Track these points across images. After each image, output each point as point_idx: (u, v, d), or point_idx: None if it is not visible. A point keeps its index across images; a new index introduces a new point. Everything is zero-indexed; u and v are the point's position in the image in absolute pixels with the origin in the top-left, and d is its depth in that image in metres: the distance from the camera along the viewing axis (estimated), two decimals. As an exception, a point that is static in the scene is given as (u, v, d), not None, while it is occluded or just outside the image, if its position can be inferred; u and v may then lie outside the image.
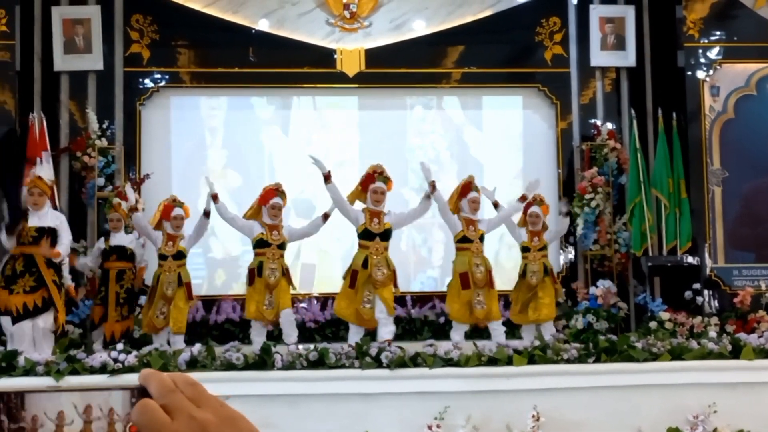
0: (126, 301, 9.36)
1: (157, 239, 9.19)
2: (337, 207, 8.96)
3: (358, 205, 8.94)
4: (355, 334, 8.63)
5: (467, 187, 9.17)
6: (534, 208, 9.45)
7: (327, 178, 8.77)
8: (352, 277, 8.76)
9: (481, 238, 9.06)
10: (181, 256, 9.13)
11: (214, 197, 8.95)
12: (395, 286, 8.84)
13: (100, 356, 7.44)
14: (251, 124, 11.54)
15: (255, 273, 8.85)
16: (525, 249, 9.43)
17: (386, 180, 8.92)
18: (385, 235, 8.82)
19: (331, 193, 8.84)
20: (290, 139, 11.54)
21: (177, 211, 9.20)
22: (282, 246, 8.92)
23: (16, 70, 10.62)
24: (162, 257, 9.11)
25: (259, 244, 8.89)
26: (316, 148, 11.45)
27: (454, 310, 8.99)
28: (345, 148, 11.46)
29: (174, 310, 8.92)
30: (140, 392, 0.94)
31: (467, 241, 9.00)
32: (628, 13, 11.52)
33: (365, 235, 8.80)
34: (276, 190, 9.02)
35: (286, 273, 8.92)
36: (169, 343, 8.79)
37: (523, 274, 9.37)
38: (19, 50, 10.69)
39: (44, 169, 9.81)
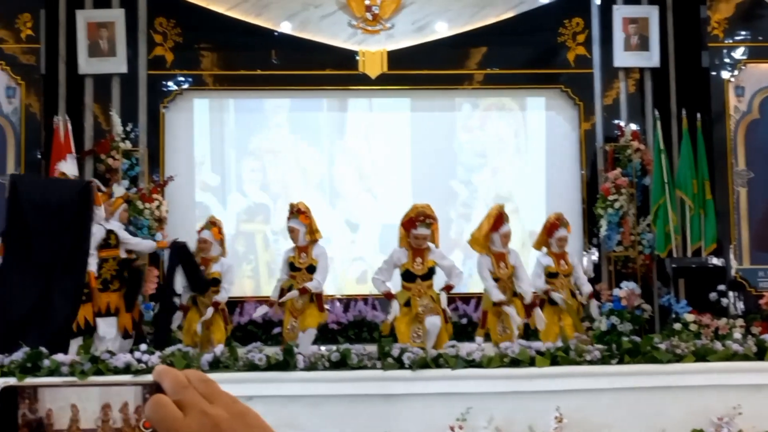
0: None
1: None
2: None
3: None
4: None
5: (500, 219, 8.82)
6: (562, 231, 9.15)
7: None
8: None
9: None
10: (215, 282, 9.07)
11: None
12: (445, 320, 8.58)
13: (123, 357, 7.49)
14: (273, 125, 11.57)
15: (284, 293, 8.83)
16: (552, 275, 9.10)
17: (429, 225, 8.60)
18: (428, 275, 8.59)
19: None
20: (313, 141, 11.57)
21: (203, 234, 9.19)
22: (311, 269, 8.78)
23: (41, 74, 10.71)
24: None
25: (291, 267, 8.82)
26: (340, 150, 11.49)
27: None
28: (369, 150, 11.48)
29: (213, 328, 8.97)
30: (154, 388, 0.95)
31: (496, 280, 8.78)
32: (652, 13, 11.46)
33: (406, 276, 8.61)
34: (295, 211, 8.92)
35: (316, 299, 8.78)
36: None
37: (550, 301, 9.06)
38: (45, 54, 10.78)
39: (68, 165, 9.92)
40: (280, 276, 9.01)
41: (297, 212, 8.85)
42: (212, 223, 9.22)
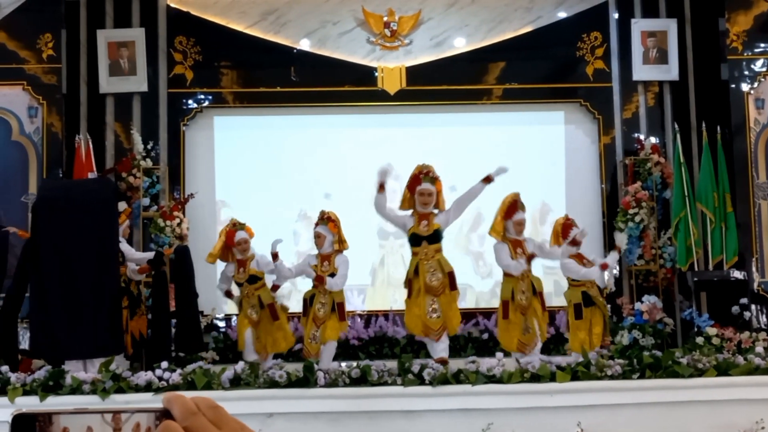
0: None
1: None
2: (384, 217, 8.82)
3: (407, 212, 8.68)
4: (434, 349, 8.38)
5: (513, 206, 8.74)
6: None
7: (381, 187, 8.57)
8: (408, 287, 8.55)
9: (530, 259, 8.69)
10: (254, 279, 8.98)
11: (274, 256, 8.81)
12: (453, 287, 8.45)
13: (145, 374, 7.52)
14: (293, 142, 11.61)
15: (307, 303, 8.77)
16: None
17: (433, 180, 8.63)
18: (434, 237, 8.49)
19: (378, 202, 8.66)
20: (333, 157, 11.60)
21: (240, 235, 9.03)
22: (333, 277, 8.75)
23: (62, 93, 10.81)
24: (238, 285, 9.05)
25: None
26: (357, 166, 11.51)
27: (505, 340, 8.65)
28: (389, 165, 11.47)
29: (263, 335, 8.85)
30: (164, 415, 0.96)
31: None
32: (671, 26, 11.44)
33: (413, 240, 8.54)
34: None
35: (338, 307, 8.67)
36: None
37: (577, 309, 8.87)
38: (66, 73, 10.88)
39: None
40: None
41: (327, 219, 8.79)
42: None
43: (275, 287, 9.18)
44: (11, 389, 7.31)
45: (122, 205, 9.90)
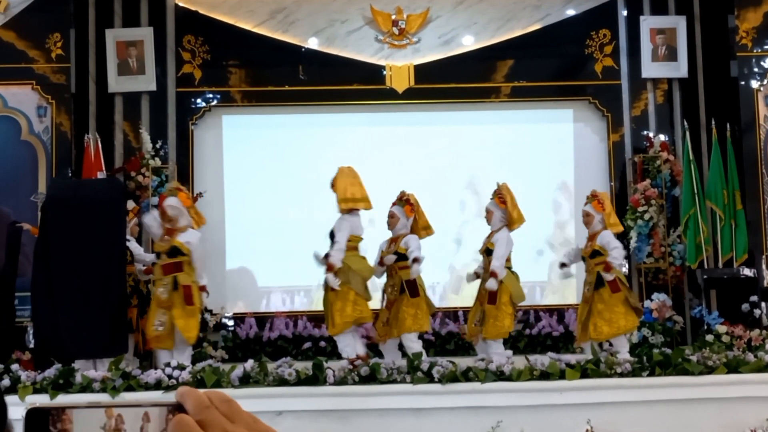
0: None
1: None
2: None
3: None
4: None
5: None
6: (585, 207, 9.10)
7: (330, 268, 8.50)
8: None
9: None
10: (175, 252, 8.42)
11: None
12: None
13: (154, 372, 7.54)
14: (301, 141, 11.62)
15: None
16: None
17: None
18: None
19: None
20: (341, 156, 11.58)
21: (169, 201, 8.53)
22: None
23: (71, 93, 10.82)
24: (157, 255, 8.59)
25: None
26: (366, 164, 11.51)
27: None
28: (396, 164, 11.48)
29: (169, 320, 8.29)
30: (177, 409, 0.97)
31: None
32: (680, 23, 11.42)
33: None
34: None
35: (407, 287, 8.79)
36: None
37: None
38: (74, 73, 10.89)
39: None
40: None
41: (405, 201, 8.92)
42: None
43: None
44: (22, 387, 7.34)
45: (130, 204, 9.93)
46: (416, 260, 8.61)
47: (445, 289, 11.42)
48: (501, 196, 8.92)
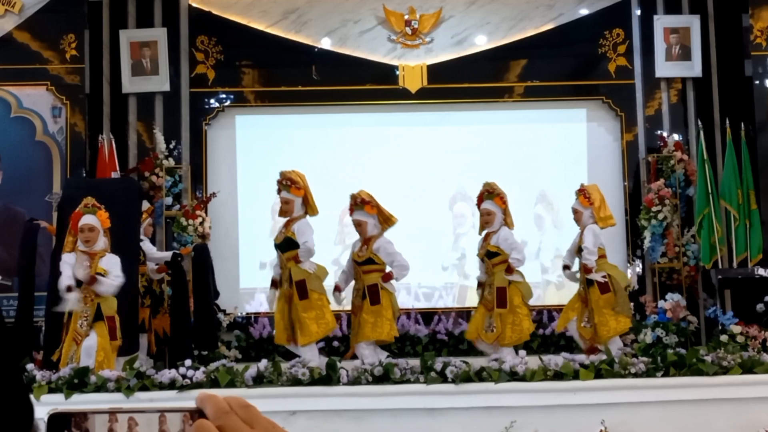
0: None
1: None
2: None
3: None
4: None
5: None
6: (574, 203, 9.12)
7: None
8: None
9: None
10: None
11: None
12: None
13: (168, 372, 7.56)
14: (314, 141, 11.63)
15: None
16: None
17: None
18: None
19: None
20: (354, 156, 11.60)
21: (86, 220, 7.85)
22: (369, 262, 8.73)
23: (85, 93, 10.87)
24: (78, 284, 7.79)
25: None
26: (379, 164, 11.52)
27: None
28: (410, 164, 11.49)
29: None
30: (197, 414, 0.97)
31: None
32: (693, 22, 11.38)
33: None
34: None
35: (369, 293, 8.63)
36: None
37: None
38: (89, 73, 10.94)
39: None
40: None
41: (361, 203, 8.73)
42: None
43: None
44: (37, 387, 7.37)
45: (144, 204, 9.97)
46: (404, 267, 8.52)
47: (460, 290, 11.42)
48: (500, 196, 8.82)
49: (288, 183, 8.62)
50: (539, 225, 11.53)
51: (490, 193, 8.86)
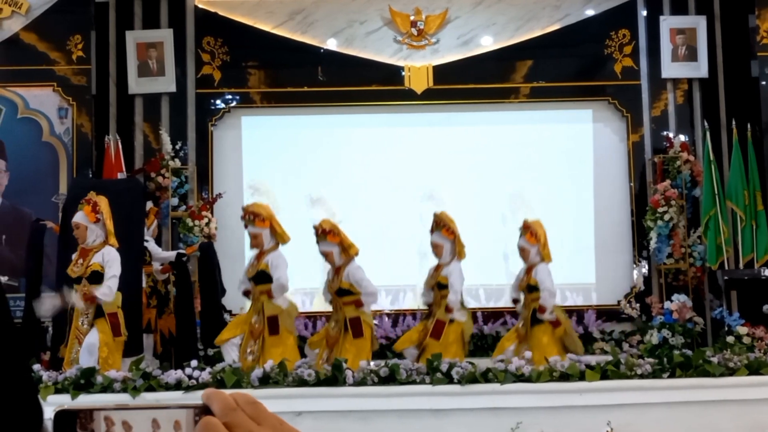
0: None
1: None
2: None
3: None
4: None
5: None
6: (520, 240, 8.87)
7: None
8: None
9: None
10: (96, 278, 7.83)
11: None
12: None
13: (175, 373, 7.56)
14: (320, 142, 11.64)
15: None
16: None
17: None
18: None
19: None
20: (360, 157, 11.61)
21: (75, 217, 7.95)
22: (341, 293, 8.61)
23: (92, 94, 10.90)
24: (77, 281, 7.86)
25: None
26: (385, 165, 11.52)
27: None
28: (416, 164, 11.48)
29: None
30: (203, 411, 0.97)
31: None
32: (700, 23, 11.36)
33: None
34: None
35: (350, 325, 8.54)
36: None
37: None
38: (95, 74, 10.97)
39: None
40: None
41: (323, 233, 8.55)
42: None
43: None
44: (43, 387, 7.37)
45: (149, 205, 9.99)
46: (371, 294, 8.42)
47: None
48: (448, 227, 8.69)
49: (251, 217, 8.48)
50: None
51: (437, 225, 8.75)
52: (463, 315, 8.62)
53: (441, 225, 8.70)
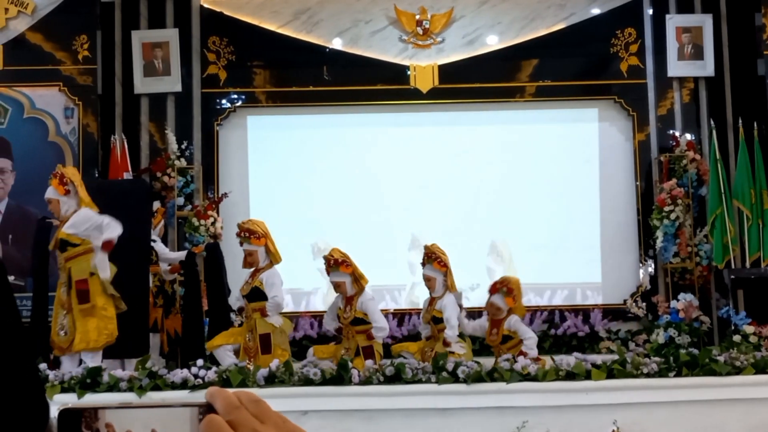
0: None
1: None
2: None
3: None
4: None
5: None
6: (495, 298, 8.53)
7: None
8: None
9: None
10: (65, 245, 7.90)
11: None
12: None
13: (180, 372, 7.57)
14: (326, 141, 11.64)
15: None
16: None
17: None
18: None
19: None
20: (366, 156, 11.61)
21: (47, 193, 8.05)
22: (356, 322, 8.54)
23: (98, 94, 10.92)
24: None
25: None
26: (390, 164, 11.52)
27: None
28: (420, 164, 11.49)
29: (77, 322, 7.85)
30: (207, 409, 0.97)
31: None
32: (706, 22, 11.34)
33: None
34: None
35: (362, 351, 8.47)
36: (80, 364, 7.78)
37: None
38: (101, 74, 10.99)
39: None
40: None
41: (335, 264, 8.44)
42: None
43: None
44: (49, 387, 7.38)
45: (156, 205, 10.00)
46: (381, 329, 8.39)
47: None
48: (440, 260, 8.52)
49: (247, 234, 8.39)
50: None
51: (428, 258, 8.61)
52: (462, 348, 8.54)
53: (432, 258, 8.57)
